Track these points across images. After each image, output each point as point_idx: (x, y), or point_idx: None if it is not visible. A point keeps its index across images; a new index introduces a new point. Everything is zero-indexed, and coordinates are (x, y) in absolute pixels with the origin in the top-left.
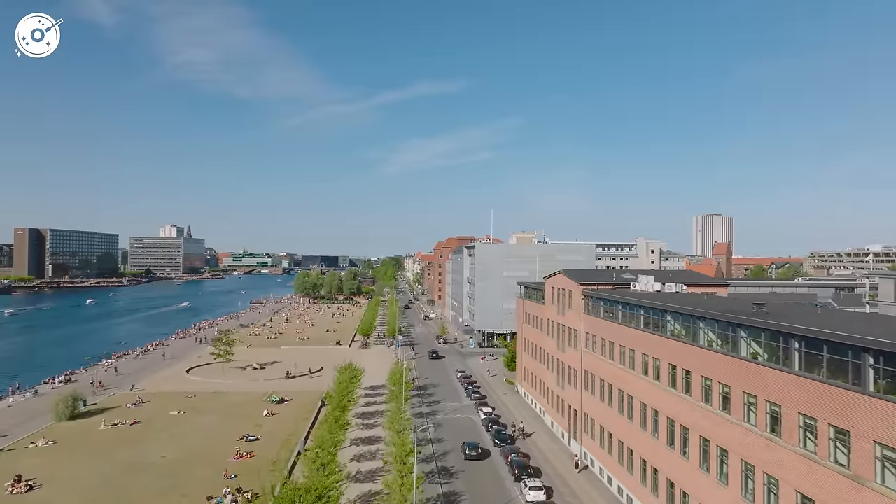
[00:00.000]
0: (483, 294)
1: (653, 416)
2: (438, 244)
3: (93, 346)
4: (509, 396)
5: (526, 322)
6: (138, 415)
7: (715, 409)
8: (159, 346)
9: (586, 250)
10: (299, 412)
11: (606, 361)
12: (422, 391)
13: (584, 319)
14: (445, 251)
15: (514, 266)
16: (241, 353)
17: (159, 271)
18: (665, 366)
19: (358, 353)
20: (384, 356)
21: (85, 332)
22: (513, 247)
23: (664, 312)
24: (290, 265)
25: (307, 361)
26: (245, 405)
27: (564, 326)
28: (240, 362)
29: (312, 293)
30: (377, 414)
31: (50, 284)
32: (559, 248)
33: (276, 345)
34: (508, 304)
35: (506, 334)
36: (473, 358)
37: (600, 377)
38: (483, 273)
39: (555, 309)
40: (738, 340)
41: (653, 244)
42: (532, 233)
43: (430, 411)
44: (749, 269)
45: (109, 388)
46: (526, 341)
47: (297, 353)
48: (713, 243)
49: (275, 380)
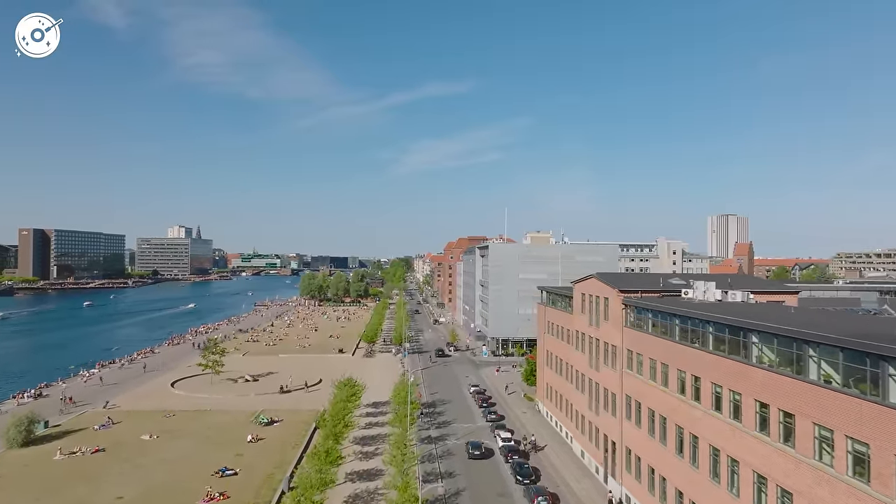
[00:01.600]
0: (497, 298)
1: (729, 465)
2: (449, 244)
3: (82, 352)
4: (530, 416)
5: (548, 332)
6: (104, 439)
7: (841, 475)
8: (149, 354)
9: (608, 251)
10: (289, 437)
11: (657, 388)
12: (430, 408)
13: (624, 334)
14: (456, 252)
15: (530, 268)
16: (236, 362)
17: (166, 272)
18: (749, 402)
19: (361, 362)
20: (390, 366)
21: (77, 337)
22: (529, 247)
23: (747, 332)
24: (299, 266)
25: (305, 372)
26: (228, 427)
27: (599, 341)
28: (231, 373)
29: (318, 295)
30: (379, 439)
31: (54, 286)
32: (579, 248)
33: (275, 353)
34: (524, 310)
35: (522, 342)
36: (487, 368)
37: (648, 406)
38: (497, 275)
39: (586, 319)
40: (885, 380)
41: (674, 244)
42: (547, 232)
43: (440, 435)
44: (770, 271)
45: (81, 405)
46: (549, 354)
47: (295, 362)
48: (730, 244)
49: (267, 394)
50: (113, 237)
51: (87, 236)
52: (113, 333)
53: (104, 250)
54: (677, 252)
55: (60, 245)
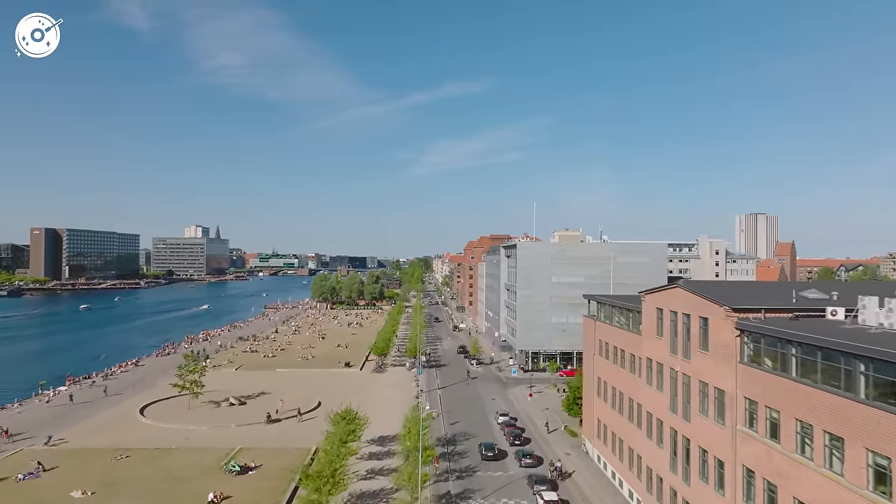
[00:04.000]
0: (526, 305)
1: None
2: (469, 244)
3: (61, 364)
4: (575, 459)
5: (601, 354)
6: (20, 499)
7: None
8: (131, 367)
9: (654, 251)
10: (263, 496)
11: (814, 470)
12: (450, 446)
13: (740, 374)
14: (477, 252)
15: (564, 270)
16: (226, 378)
17: (182, 272)
18: None
19: (370, 379)
20: (403, 384)
21: (63, 344)
22: (563, 246)
23: None
24: (317, 266)
25: (303, 393)
26: (189, 477)
27: (690, 378)
28: (216, 393)
29: (331, 298)
30: (381, 497)
31: (65, 286)
32: (621, 247)
33: (272, 366)
34: (558, 318)
35: (555, 355)
36: (516, 388)
37: (794, 495)
38: (526, 279)
39: (665, 345)
40: None
41: (716, 244)
42: (577, 230)
43: (462, 490)
44: (812, 272)
45: (19, 440)
46: (601, 382)
47: (293, 379)
48: (759, 244)
49: (251, 425)
50: (127, 237)
51: (100, 236)
52: (105, 340)
53: (118, 250)
54: (720, 252)
55: (73, 245)
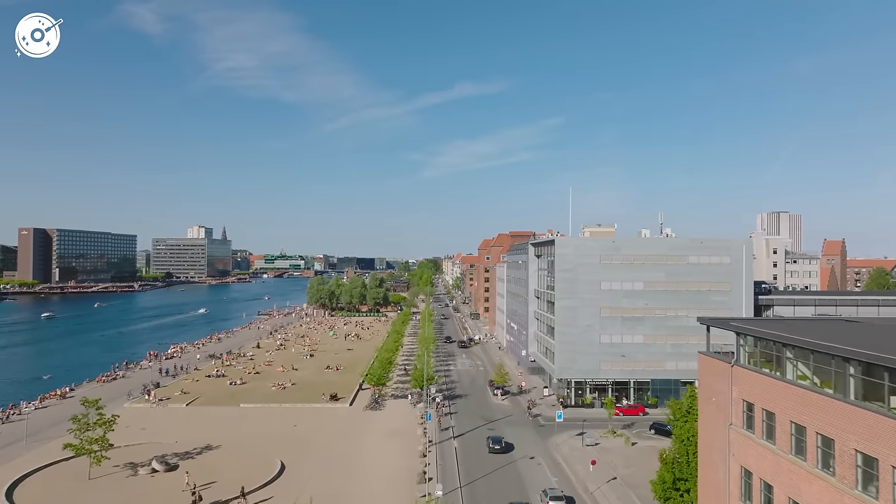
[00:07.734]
0: (568, 319)
1: None
2: (484, 242)
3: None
4: None
5: (747, 427)
6: None
7: None
8: (54, 400)
9: (737, 249)
10: None
11: None
12: None
13: None
14: (494, 252)
15: (619, 274)
16: (169, 418)
17: (182, 274)
18: None
19: (362, 419)
20: (404, 430)
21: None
22: (619, 242)
23: None
24: (324, 267)
25: (263, 448)
26: None
27: None
28: (140, 449)
29: (329, 303)
30: None
31: (53, 290)
32: (693, 244)
33: (236, 399)
34: (609, 336)
35: (605, 386)
36: (561, 437)
37: None
38: (568, 285)
39: None
40: None
41: (774, 241)
42: (611, 226)
43: None
44: (860, 273)
45: None
46: (747, 476)
47: (258, 419)
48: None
49: None
50: (123, 237)
51: (93, 236)
52: (55, 357)
53: (113, 251)
54: (779, 251)
55: (64, 246)
